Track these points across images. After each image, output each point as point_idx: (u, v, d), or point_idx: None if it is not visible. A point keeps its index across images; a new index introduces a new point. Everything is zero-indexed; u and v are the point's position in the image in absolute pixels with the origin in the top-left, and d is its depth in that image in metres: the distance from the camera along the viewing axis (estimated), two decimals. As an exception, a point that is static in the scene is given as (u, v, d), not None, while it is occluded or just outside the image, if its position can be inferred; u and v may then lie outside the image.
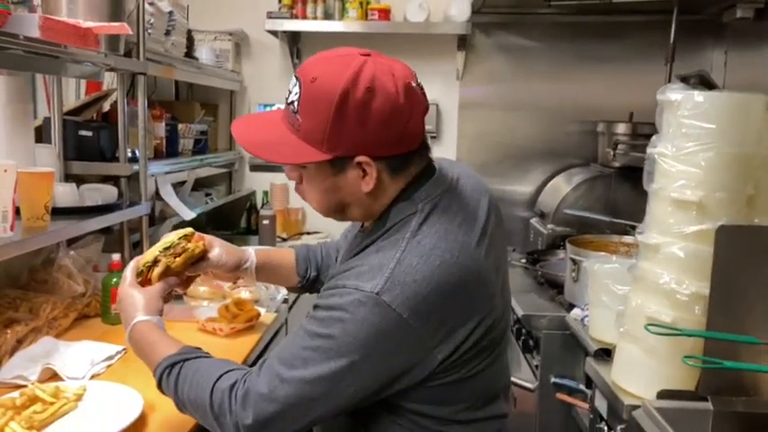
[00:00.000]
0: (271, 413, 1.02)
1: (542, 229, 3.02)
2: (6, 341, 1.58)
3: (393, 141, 1.06)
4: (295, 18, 3.25)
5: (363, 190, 1.09)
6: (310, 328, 1.05)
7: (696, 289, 1.40)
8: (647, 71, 3.14)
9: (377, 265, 1.03)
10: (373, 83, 1.02)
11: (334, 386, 1.02)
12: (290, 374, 1.02)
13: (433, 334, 1.03)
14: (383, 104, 1.02)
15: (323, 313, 1.05)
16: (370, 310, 1.00)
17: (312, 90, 1.04)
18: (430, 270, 1.02)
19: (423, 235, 1.06)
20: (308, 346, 1.03)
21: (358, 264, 1.06)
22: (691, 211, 1.41)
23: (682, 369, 1.38)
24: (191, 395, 1.09)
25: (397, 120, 1.04)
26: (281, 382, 1.03)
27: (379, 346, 1.01)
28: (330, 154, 1.05)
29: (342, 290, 1.04)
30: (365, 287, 1.01)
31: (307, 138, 1.06)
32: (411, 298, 1.00)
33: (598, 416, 1.67)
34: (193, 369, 1.12)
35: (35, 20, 1.55)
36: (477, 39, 3.40)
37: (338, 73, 1.03)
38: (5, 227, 1.50)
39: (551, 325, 2.17)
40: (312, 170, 1.10)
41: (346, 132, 1.03)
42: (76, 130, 2.19)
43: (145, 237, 2.25)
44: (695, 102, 1.41)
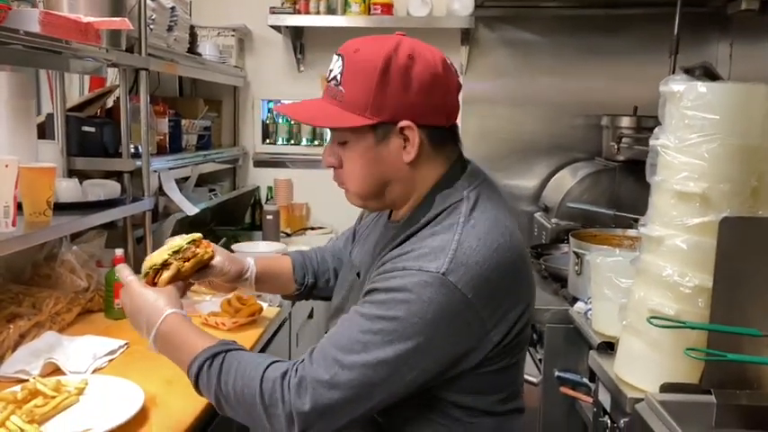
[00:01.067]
0: (330, 400, 0.99)
1: (546, 224, 3.01)
2: (9, 336, 1.58)
3: (434, 110, 1.09)
4: (298, 13, 3.24)
5: (405, 160, 1.10)
6: (369, 311, 1.02)
7: (699, 281, 1.38)
8: (652, 64, 3.12)
9: (438, 247, 1.03)
10: (414, 51, 1.06)
11: (396, 370, 1.00)
12: (351, 359, 0.99)
13: (491, 315, 1.04)
14: (424, 71, 1.06)
15: (383, 296, 1.02)
16: (436, 290, 1.00)
17: (356, 59, 1.07)
18: (489, 252, 1.04)
19: (476, 220, 1.08)
20: (368, 329, 1.01)
21: (416, 247, 1.06)
22: (694, 203, 1.40)
23: (685, 362, 1.37)
24: (236, 386, 1.03)
25: (438, 88, 1.08)
26: (341, 368, 0.99)
27: (444, 326, 1.00)
28: (375, 118, 1.07)
29: (404, 272, 1.02)
30: (430, 267, 1.01)
31: (350, 107, 1.07)
32: (474, 278, 1.02)
33: (601, 409, 1.66)
34: (237, 360, 1.07)
35: (35, 15, 1.55)
36: (480, 33, 3.38)
37: (380, 43, 1.07)
38: (7, 222, 1.50)
39: (555, 318, 2.16)
40: (354, 143, 1.11)
41: (390, 96, 1.05)
42: (79, 125, 2.19)
43: (148, 232, 2.26)
44: (698, 92, 1.39)
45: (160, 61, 2.39)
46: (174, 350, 1.13)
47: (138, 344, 1.72)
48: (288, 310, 2.29)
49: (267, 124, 3.59)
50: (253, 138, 3.59)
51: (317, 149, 3.54)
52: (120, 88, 2.21)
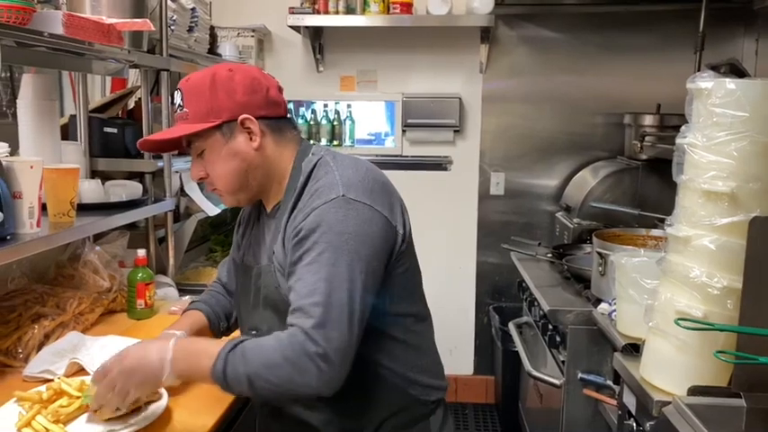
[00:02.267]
0: (334, 333, 1.14)
1: (568, 223, 2.98)
2: (34, 336, 1.60)
3: (263, 104, 1.30)
4: (317, 13, 3.24)
5: (254, 146, 1.28)
6: (310, 259, 1.18)
7: (728, 282, 1.36)
8: (675, 61, 3.09)
9: (327, 184, 1.24)
10: (232, 67, 1.31)
11: (354, 281, 1.17)
12: (323, 298, 1.15)
13: (390, 214, 1.26)
14: (244, 77, 1.29)
15: (309, 242, 1.19)
16: (344, 208, 1.20)
17: (190, 85, 1.29)
18: (365, 173, 1.28)
19: (342, 161, 1.31)
20: (317, 270, 1.17)
21: (309, 198, 1.25)
22: (722, 202, 1.37)
23: (713, 364, 1.34)
24: (262, 359, 1.14)
25: (259, 87, 1.29)
26: (323, 307, 1.14)
27: (364, 231, 1.20)
28: (217, 120, 1.26)
29: (312, 212, 1.21)
30: (330, 196, 1.22)
31: (196, 119, 1.27)
32: (365, 191, 1.24)
33: (627, 412, 1.64)
34: (253, 343, 1.18)
35: (59, 17, 1.56)
36: (500, 31, 3.36)
37: (204, 70, 1.31)
38: (32, 222, 1.51)
39: (578, 320, 2.14)
40: (209, 149, 1.29)
41: (222, 101, 1.26)
42: (102, 127, 2.21)
43: (170, 233, 2.27)
44: (727, 89, 1.36)
45: (181, 62, 2.40)
46: (196, 364, 1.19)
47: (161, 344, 1.73)
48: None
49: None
50: (272, 138, 3.60)
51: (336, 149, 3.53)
52: (142, 89, 2.23)
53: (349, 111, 3.54)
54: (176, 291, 2.20)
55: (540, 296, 2.37)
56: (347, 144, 3.54)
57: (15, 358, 1.56)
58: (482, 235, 3.52)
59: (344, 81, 3.53)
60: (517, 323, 2.81)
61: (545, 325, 2.36)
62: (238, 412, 1.52)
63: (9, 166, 1.47)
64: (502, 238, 3.13)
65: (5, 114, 2.17)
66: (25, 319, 1.64)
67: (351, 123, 3.54)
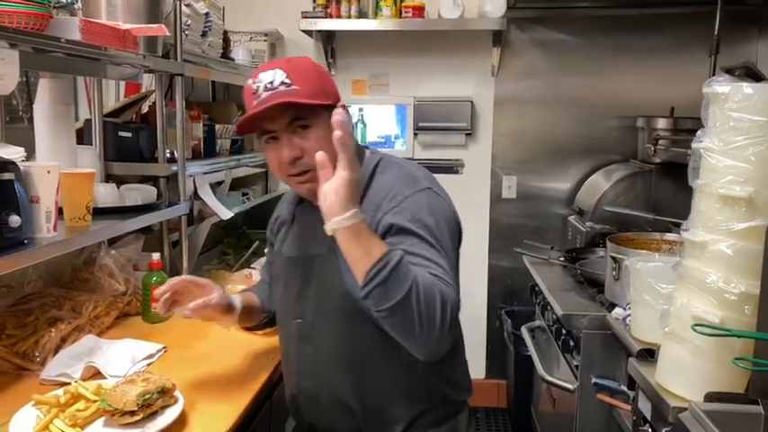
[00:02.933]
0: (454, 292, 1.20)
1: (581, 227, 2.96)
2: (51, 339, 1.61)
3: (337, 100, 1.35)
4: (329, 17, 3.25)
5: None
6: (415, 240, 1.23)
7: (745, 288, 1.35)
8: (688, 64, 3.07)
9: (407, 177, 1.35)
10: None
11: (451, 257, 1.27)
12: (444, 268, 1.21)
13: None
14: (327, 72, 1.42)
15: (411, 224, 1.24)
16: (435, 197, 1.32)
17: (293, 66, 1.32)
18: (430, 176, 1.41)
19: (399, 161, 1.42)
20: (427, 247, 1.23)
21: (387, 188, 1.32)
22: (740, 207, 1.36)
23: (730, 371, 1.34)
24: (426, 280, 1.15)
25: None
26: (447, 274, 1.21)
27: (450, 218, 1.34)
28: (328, 101, 1.31)
29: (405, 199, 1.28)
30: (418, 187, 1.32)
31: (309, 96, 1.29)
32: (440, 189, 1.37)
33: (642, 418, 1.63)
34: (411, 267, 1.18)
35: (76, 23, 1.58)
36: (512, 34, 3.36)
37: (290, 58, 1.39)
38: (49, 227, 1.52)
39: (592, 325, 2.13)
40: (316, 125, 1.31)
41: (329, 86, 1.36)
42: (116, 131, 2.22)
43: (184, 236, 2.28)
44: (744, 94, 1.36)
45: (195, 67, 2.41)
46: (369, 239, 1.15)
47: (176, 348, 1.74)
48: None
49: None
50: (284, 141, 3.61)
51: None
52: (157, 93, 2.24)
53: (361, 114, 3.54)
54: (190, 294, 2.20)
55: (553, 300, 2.36)
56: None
57: (33, 362, 1.57)
58: (494, 238, 3.51)
59: (356, 85, 3.54)
60: (530, 327, 2.80)
61: (558, 329, 2.35)
62: (253, 416, 1.53)
63: (27, 171, 1.48)
64: (514, 242, 3.12)
65: (22, 119, 2.19)
66: (42, 322, 1.66)
67: (362, 127, 3.54)
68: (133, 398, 1.26)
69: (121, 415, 1.26)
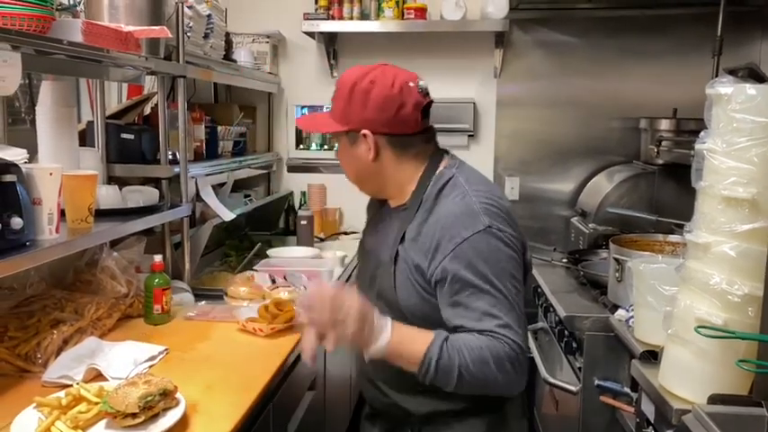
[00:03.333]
0: (516, 336, 1.27)
1: (584, 229, 2.96)
2: (53, 341, 1.61)
3: (388, 122, 1.37)
4: (331, 19, 3.25)
5: (370, 157, 1.39)
6: (473, 288, 1.28)
7: (749, 290, 1.34)
8: (691, 65, 3.06)
9: (467, 212, 1.33)
10: (376, 78, 1.37)
11: (512, 299, 1.29)
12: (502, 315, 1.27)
13: (518, 236, 1.37)
14: (379, 94, 1.36)
15: (467, 272, 1.28)
16: (494, 238, 1.30)
17: (338, 82, 1.42)
18: (498, 200, 1.37)
19: (475, 183, 1.39)
20: (485, 294, 1.28)
21: (443, 219, 1.34)
22: (743, 208, 1.36)
23: (734, 373, 1.33)
24: (472, 355, 1.24)
25: (389, 106, 1.36)
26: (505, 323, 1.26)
27: (510, 255, 1.32)
28: (345, 127, 1.40)
29: (462, 241, 1.29)
30: (477, 227, 1.30)
31: (333, 116, 1.42)
32: (501, 220, 1.33)
33: (645, 420, 1.62)
34: (458, 338, 1.27)
35: (78, 25, 1.58)
36: (514, 35, 3.36)
37: (355, 70, 1.40)
38: (51, 228, 1.53)
39: (595, 326, 2.13)
40: (340, 145, 1.45)
41: (355, 111, 1.38)
42: (118, 133, 2.22)
43: (186, 238, 2.28)
44: (747, 95, 1.35)
45: (197, 68, 2.42)
46: (408, 347, 1.26)
47: (178, 350, 1.74)
48: (323, 315, 2.28)
49: (300, 130, 3.61)
50: (287, 143, 3.61)
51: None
52: (159, 95, 2.24)
53: (363, 116, 3.54)
54: (192, 296, 2.20)
55: (555, 302, 2.36)
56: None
57: (35, 363, 1.56)
58: (496, 240, 3.50)
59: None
60: (533, 329, 2.79)
61: (561, 331, 2.35)
62: (255, 418, 1.52)
63: (29, 173, 1.49)
64: (516, 244, 3.11)
65: (24, 121, 2.19)
66: (44, 324, 1.65)
67: (365, 128, 3.54)
68: (135, 400, 1.25)
69: (123, 417, 1.25)
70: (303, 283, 2.23)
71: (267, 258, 2.70)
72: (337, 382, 2.71)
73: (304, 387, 2.08)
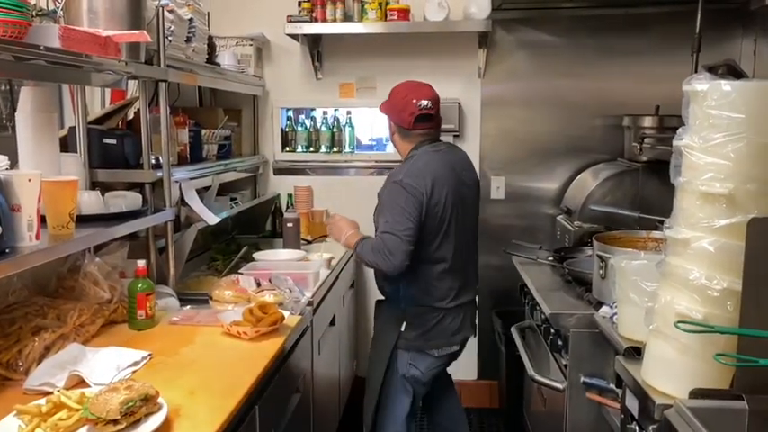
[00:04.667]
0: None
1: (569, 226, 2.97)
2: (34, 348, 1.60)
3: (400, 119, 2.42)
4: (315, 21, 3.25)
5: (391, 134, 2.51)
6: (384, 208, 2.33)
7: (728, 284, 1.35)
8: (673, 63, 3.08)
9: (398, 171, 2.36)
10: (400, 91, 2.46)
11: (394, 220, 2.27)
12: (391, 227, 2.26)
13: (425, 193, 2.28)
14: (396, 100, 2.44)
15: (382, 199, 2.36)
16: (399, 187, 2.28)
17: (394, 90, 2.48)
18: (420, 168, 2.33)
19: (416, 161, 2.37)
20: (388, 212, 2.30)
21: (395, 172, 2.38)
22: (720, 204, 1.37)
23: (715, 367, 1.34)
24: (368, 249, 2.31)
25: (404, 110, 2.40)
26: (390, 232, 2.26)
27: (407, 197, 2.26)
28: (384, 111, 2.49)
29: (389, 183, 2.35)
30: (395, 179, 2.32)
31: (386, 107, 2.48)
32: (413, 178, 2.29)
33: (629, 416, 1.63)
34: (368, 241, 2.36)
35: (55, 30, 1.57)
36: (498, 36, 3.37)
37: (400, 86, 2.49)
38: (31, 235, 1.52)
39: (580, 323, 2.13)
40: (391, 127, 2.48)
41: (390, 107, 2.46)
42: (101, 138, 2.21)
43: (170, 243, 2.27)
44: (723, 91, 1.37)
45: (179, 72, 2.41)
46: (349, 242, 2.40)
47: (162, 355, 1.73)
48: (309, 317, 2.28)
49: (286, 132, 3.60)
50: (272, 146, 3.61)
51: (336, 156, 3.55)
52: (141, 100, 2.23)
53: (348, 117, 3.54)
54: (177, 301, 2.19)
55: (541, 300, 2.37)
56: (347, 150, 3.54)
57: (16, 371, 1.56)
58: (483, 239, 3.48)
59: (343, 88, 3.54)
60: (520, 327, 2.80)
61: (547, 329, 2.36)
62: (240, 422, 1.52)
63: (7, 180, 1.48)
64: (503, 242, 3.13)
65: (5, 127, 2.17)
66: (26, 331, 1.64)
67: (350, 130, 3.55)
68: (116, 406, 1.25)
69: (104, 423, 1.25)
70: (288, 286, 2.22)
71: (253, 262, 2.69)
72: (325, 384, 2.71)
73: (291, 390, 2.08)
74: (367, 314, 3.67)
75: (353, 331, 3.54)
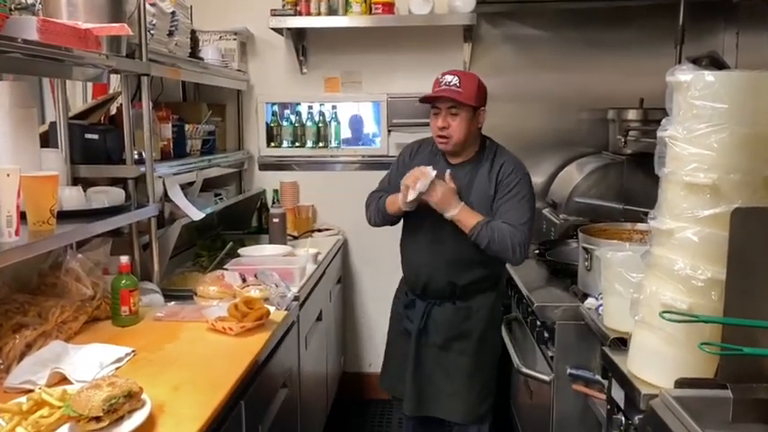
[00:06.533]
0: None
1: (555, 219, 2.98)
2: (15, 346, 1.57)
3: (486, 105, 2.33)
4: (299, 15, 3.23)
5: (479, 125, 2.30)
6: (521, 200, 2.26)
7: (712, 274, 1.36)
8: (657, 56, 3.09)
9: (518, 163, 2.33)
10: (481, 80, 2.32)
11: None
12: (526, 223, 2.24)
13: None
14: (485, 88, 2.32)
15: (517, 188, 2.26)
16: (529, 177, 2.33)
17: (466, 77, 2.26)
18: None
19: (503, 149, 2.39)
20: (524, 207, 2.25)
21: (508, 165, 2.30)
22: (704, 194, 1.37)
23: (699, 356, 1.34)
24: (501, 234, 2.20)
25: (487, 96, 2.33)
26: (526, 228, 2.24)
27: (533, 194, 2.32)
28: (475, 103, 2.23)
29: (522, 177, 2.29)
30: (526, 170, 2.33)
31: (466, 96, 2.20)
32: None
33: (615, 406, 1.64)
34: (496, 224, 2.22)
35: (33, 22, 1.54)
36: (483, 29, 3.36)
37: (468, 73, 2.39)
38: (10, 231, 1.49)
39: (566, 315, 2.14)
40: (464, 114, 2.23)
41: (481, 96, 2.27)
42: (82, 133, 2.19)
43: (154, 239, 2.25)
44: (706, 82, 1.37)
45: (162, 66, 2.38)
46: (468, 218, 2.21)
47: (145, 351, 1.72)
48: (296, 313, 2.27)
49: (272, 127, 3.58)
50: (257, 141, 3.58)
51: (322, 151, 3.53)
52: (123, 95, 2.20)
53: (334, 112, 3.53)
54: (162, 297, 2.17)
55: (527, 292, 2.37)
56: (333, 145, 3.53)
57: (-4, 369, 1.53)
58: (470, 233, 3.51)
59: (329, 82, 3.52)
60: (506, 320, 2.80)
61: (533, 321, 2.36)
62: (225, 418, 1.51)
63: (-15, 175, 1.45)
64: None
65: (-16, 123, 2.13)
66: (6, 329, 1.62)
67: (336, 125, 3.53)
68: (98, 403, 1.23)
69: (87, 421, 1.23)
70: (274, 281, 2.21)
71: (238, 257, 2.67)
72: (312, 380, 2.70)
73: (277, 385, 2.07)
74: (354, 310, 3.67)
75: (341, 327, 3.53)
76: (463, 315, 2.31)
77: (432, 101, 2.26)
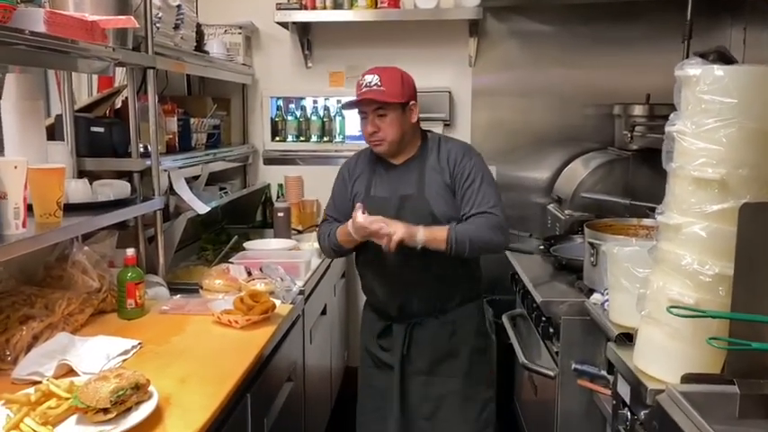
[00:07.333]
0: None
1: (560, 215, 2.97)
2: (22, 338, 1.58)
3: (416, 97, 2.13)
4: (304, 9, 3.22)
5: (412, 120, 2.11)
6: (482, 179, 2.09)
7: (719, 269, 1.35)
8: (664, 51, 3.07)
9: (465, 146, 2.21)
10: (404, 72, 2.12)
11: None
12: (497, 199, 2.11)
13: None
14: (412, 80, 2.14)
15: (476, 170, 2.11)
16: (484, 161, 2.17)
17: (386, 74, 2.06)
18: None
19: (447, 138, 2.26)
20: (488, 183, 2.11)
21: (456, 152, 2.13)
22: (712, 189, 1.37)
23: (706, 352, 1.34)
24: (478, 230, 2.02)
25: (415, 87, 2.14)
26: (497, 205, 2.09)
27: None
28: (403, 99, 2.06)
29: (472, 158, 2.13)
30: (475, 152, 2.19)
31: (390, 95, 2.03)
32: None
33: (621, 402, 1.64)
34: (464, 224, 2.04)
35: (40, 14, 1.54)
36: (489, 24, 3.35)
37: (389, 67, 2.12)
38: (17, 223, 1.49)
39: (571, 311, 2.14)
40: (391, 114, 2.05)
41: (408, 90, 2.08)
42: (88, 126, 2.19)
43: (159, 232, 2.25)
44: (715, 76, 1.36)
45: (167, 60, 2.38)
46: (436, 234, 1.98)
47: (152, 343, 1.72)
48: (301, 306, 2.27)
49: (276, 121, 3.58)
50: (262, 135, 3.58)
51: (327, 146, 3.52)
52: (128, 88, 2.21)
53: (339, 107, 3.52)
54: (167, 290, 2.18)
55: (532, 288, 2.37)
56: (338, 140, 3.52)
57: (3, 361, 1.54)
58: (474, 228, 3.50)
59: (334, 77, 3.51)
60: (511, 315, 2.81)
61: (538, 316, 2.36)
62: (231, 410, 1.51)
63: (-8, 167, 1.45)
64: (494, 232, 3.12)
65: (-9, 115, 2.14)
66: (13, 321, 1.62)
67: (341, 119, 3.53)
68: (106, 394, 1.23)
69: (94, 412, 1.24)
70: (279, 275, 2.21)
71: (244, 251, 2.67)
72: (316, 373, 2.71)
73: (282, 378, 2.07)
74: (358, 305, 3.66)
75: (345, 321, 3.53)
76: (450, 330, 2.15)
77: (355, 106, 2.09)
